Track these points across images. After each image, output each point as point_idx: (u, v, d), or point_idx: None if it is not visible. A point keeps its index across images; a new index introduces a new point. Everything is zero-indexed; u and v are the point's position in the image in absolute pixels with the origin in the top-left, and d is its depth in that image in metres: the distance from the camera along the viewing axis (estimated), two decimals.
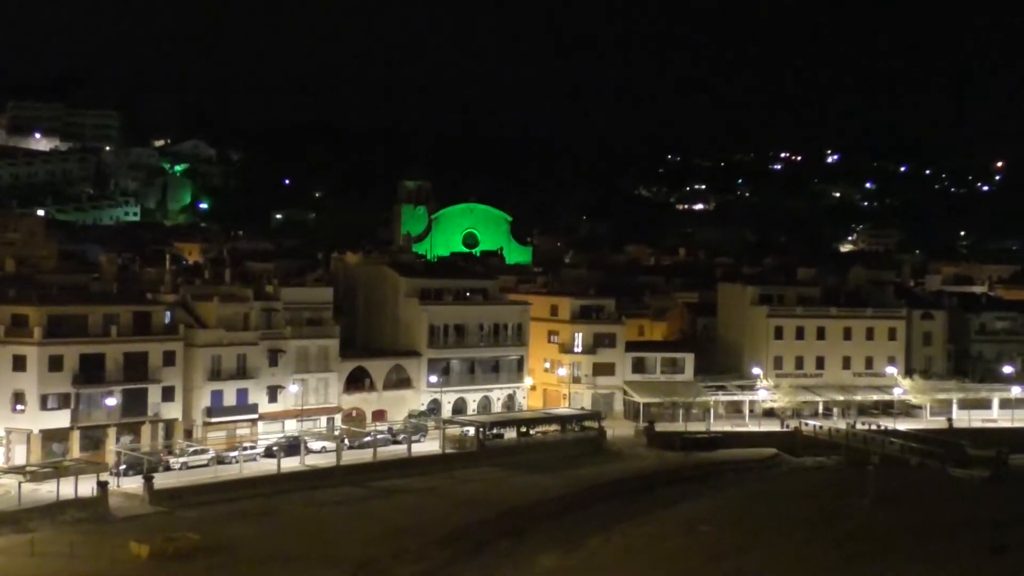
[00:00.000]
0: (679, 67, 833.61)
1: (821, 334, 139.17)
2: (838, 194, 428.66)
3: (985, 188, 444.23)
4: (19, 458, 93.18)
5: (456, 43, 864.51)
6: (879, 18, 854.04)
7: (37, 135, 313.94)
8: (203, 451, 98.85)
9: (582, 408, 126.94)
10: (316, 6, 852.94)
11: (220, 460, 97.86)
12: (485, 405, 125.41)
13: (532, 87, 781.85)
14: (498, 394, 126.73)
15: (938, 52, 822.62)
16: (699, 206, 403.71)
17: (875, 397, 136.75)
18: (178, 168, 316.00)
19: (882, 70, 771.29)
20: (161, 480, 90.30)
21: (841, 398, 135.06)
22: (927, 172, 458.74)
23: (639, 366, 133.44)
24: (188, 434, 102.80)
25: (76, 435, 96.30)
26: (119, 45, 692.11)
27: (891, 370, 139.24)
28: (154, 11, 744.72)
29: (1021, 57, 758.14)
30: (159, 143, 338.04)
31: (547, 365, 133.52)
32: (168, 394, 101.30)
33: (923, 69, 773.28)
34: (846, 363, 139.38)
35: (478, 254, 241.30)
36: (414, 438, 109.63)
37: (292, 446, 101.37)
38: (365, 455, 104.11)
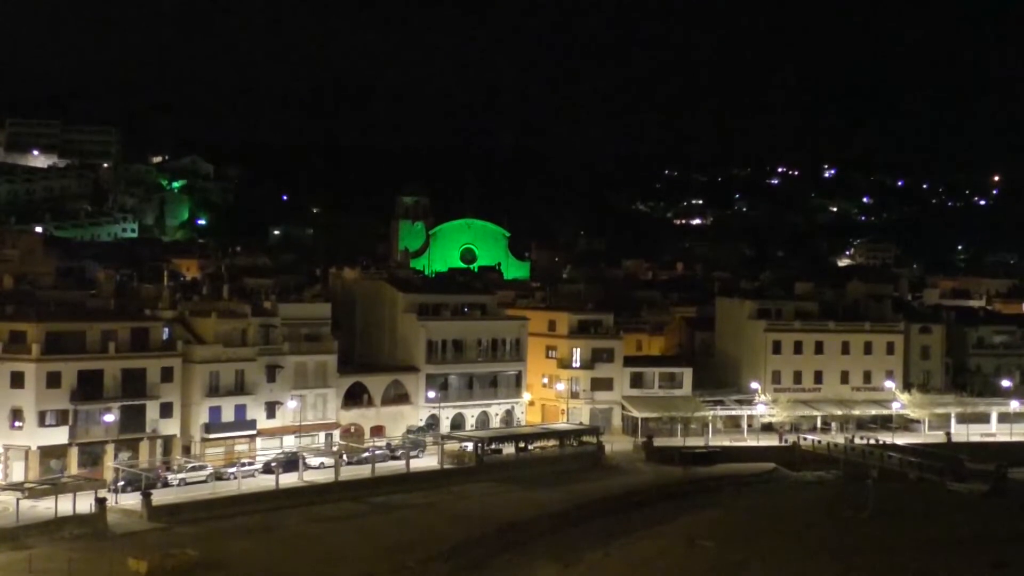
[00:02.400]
0: (676, 82, 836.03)
1: (819, 348, 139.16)
2: (835, 208, 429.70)
3: (982, 202, 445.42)
4: (17, 475, 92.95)
5: (454, 60, 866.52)
6: (876, 33, 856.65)
7: (35, 152, 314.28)
8: (201, 467, 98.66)
9: (580, 423, 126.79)
10: (316, 23, 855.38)
11: (218, 476, 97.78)
12: (483, 420, 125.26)
13: (529, 103, 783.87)
14: (496, 409, 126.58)
15: (935, 67, 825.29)
16: (696, 221, 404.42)
17: (873, 411, 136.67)
18: (176, 184, 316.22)
19: (879, 85, 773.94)
20: (159, 496, 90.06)
21: (839, 412, 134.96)
22: (924, 186, 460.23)
23: (637, 381, 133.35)
24: (186, 450, 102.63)
25: (74, 451, 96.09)
26: (117, 62, 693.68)
27: (889, 384, 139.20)
28: (152, 28, 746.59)
29: (1018, 73, 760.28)
30: (157, 159, 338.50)
31: (545, 380, 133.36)
32: (166, 410, 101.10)
33: (920, 84, 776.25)
34: (844, 377, 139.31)
35: (476, 269, 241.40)
36: (412, 454, 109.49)
37: (290, 462, 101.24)
38: (363, 471, 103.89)
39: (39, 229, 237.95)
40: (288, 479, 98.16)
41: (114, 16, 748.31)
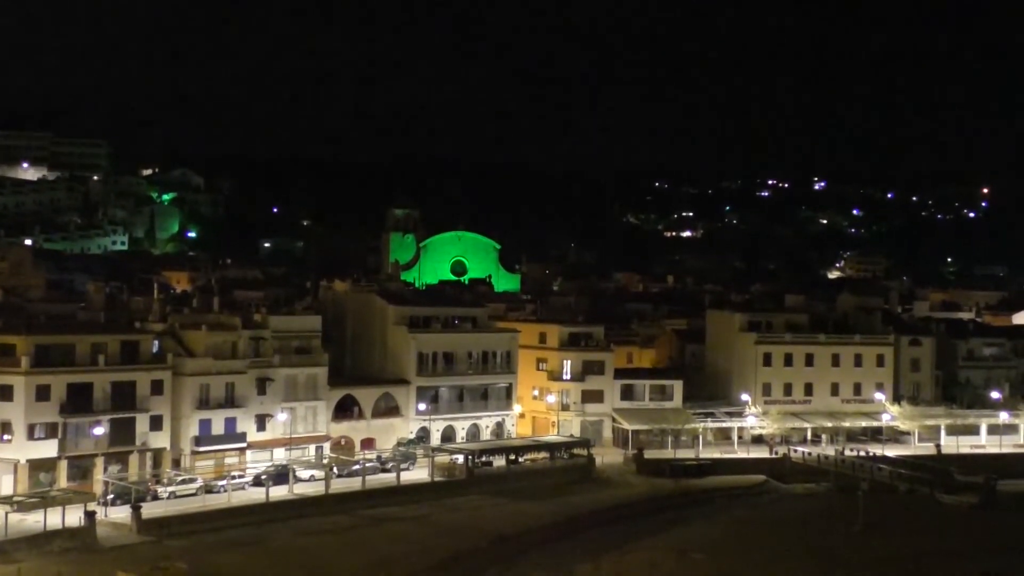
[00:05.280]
0: (667, 96, 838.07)
1: (809, 361, 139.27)
2: (825, 221, 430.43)
3: (972, 215, 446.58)
4: (6, 488, 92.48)
5: (445, 73, 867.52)
6: (868, 46, 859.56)
7: (25, 164, 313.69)
8: (191, 480, 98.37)
9: (571, 435, 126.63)
10: (306, 36, 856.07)
11: (208, 489, 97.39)
12: (474, 433, 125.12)
13: (521, 115, 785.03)
14: (487, 422, 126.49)
15: (926, 80, 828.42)
16: (687, 233, 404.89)
17: (863, 423, 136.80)
18: (166, 197, 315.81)
19: (869, 98, 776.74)
20: (149, 510, 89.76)
21: (829, 424, 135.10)
22: (914, 199, 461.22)
23: (628, 393, 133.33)
24: (176, 463, 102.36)
25: (63, 465, 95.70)
26: (107, 75, 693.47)
27: (879, 396, 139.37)
28: (144, 42, 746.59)
29: (1007, 86, 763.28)
30: (147, 172, 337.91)
31: (536, 392, 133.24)
32: (156, 423, 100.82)
33: (910, 97, 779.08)
34: (834, 389, 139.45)
35: (466, 282, 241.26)
36: (403, 466, 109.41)
37: (280, 475, 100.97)
38: (354, 483, 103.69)
39: (29, 242, 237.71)
40: (278, 492, 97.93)
41: (104, 29, 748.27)
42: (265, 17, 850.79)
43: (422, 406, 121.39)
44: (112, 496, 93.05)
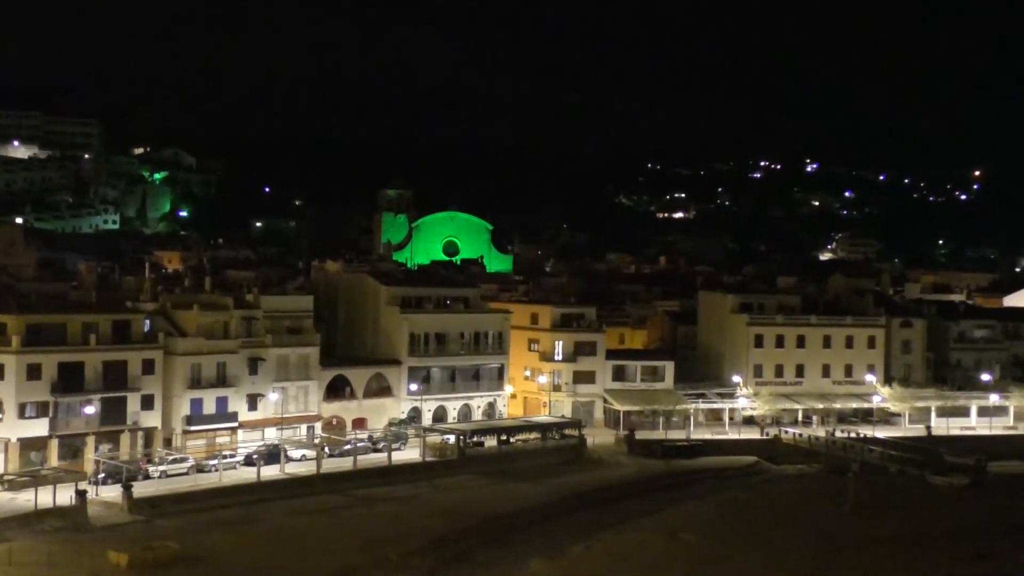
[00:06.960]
0: (659, 77, 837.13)
1: (801, 342, 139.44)
2: (817, 203, 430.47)
3: (963, 197, 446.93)
4: None
5: (438, 56, 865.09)
6: (857, 29, 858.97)
7: (16, 143, 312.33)
8: (182, 460, 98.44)
9: (563, 416, 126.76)
10: (300, 19, 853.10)
11: (200, 469, 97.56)
12: (465, 413, 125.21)
13: (513, 98, 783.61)
14: (478, 402, 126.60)
15: (916, 63, 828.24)
16: (679, 215, 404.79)
17: (854, 405, 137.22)
18: (158, 176, 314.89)
19: (860, 81, 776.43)
20: (140, 489, 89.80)
21: (821, 406, 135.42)
22: (906, 181, 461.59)
23: (619, 374, 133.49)
24: (167, 442, 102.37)
25: (54, 444, 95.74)
26: (99, 54, 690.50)
27: (870, 378, 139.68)
28: (136, 21, 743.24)
29: (997, 68, 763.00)
30: (139, 151, 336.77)
31: (527, 373, 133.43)
32: (147, 402, 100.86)
33: (901, 80, 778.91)
34: (826, 371, 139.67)
35: (459, 262, 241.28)
36: (394, 446, 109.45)
37: (272, 454, 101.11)
38: (345, 463, 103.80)
39: (20, 221, 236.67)
40: (270, 471, 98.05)
41: (96, 8, 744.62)
42: (262, 1, 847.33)
43: (414, 386, 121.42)
44: (103, 475, 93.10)
